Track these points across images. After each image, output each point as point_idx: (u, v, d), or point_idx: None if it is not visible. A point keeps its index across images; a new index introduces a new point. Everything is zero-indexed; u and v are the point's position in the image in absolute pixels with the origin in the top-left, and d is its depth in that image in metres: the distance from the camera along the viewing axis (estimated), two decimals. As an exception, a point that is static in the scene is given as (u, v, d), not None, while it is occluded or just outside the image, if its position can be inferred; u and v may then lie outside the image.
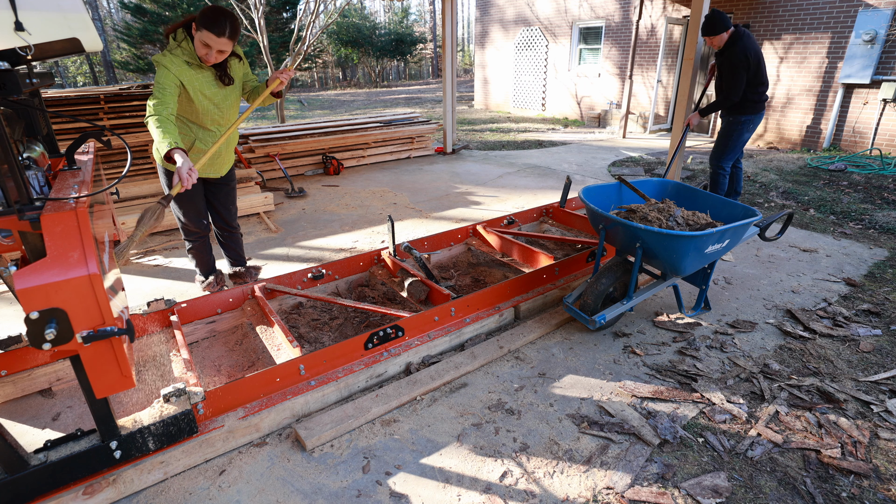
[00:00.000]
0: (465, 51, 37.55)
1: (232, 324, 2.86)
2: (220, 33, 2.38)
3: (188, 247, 3.08)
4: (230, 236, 3.22)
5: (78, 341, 1.44)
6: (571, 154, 8.12)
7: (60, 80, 20.41)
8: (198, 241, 3.06)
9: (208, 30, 2.37)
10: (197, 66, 2.54)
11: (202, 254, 3.13)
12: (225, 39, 2.41)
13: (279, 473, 1.92)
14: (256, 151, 6.12)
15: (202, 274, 3.21)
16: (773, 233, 3.12)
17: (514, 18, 13.26)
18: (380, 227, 4.63)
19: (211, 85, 2.60)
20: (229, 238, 3.22)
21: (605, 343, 2.75)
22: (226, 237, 3.22)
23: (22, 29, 1.35)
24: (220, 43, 2.41)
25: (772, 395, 2.32)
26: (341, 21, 25.52)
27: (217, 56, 2.48)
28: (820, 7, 7.60)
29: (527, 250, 3.37)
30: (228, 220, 3.14)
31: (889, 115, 7.19)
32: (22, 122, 1.94)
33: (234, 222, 3.19)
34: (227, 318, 2.84)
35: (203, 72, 2.57)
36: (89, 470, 1.76)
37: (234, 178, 3.08)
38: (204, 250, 3.13)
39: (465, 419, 2.19)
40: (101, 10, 21.99)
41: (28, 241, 1.48)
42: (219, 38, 2.40)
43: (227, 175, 3.01)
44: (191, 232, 3.00)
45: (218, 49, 2.44)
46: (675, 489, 1.83)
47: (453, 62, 7.43)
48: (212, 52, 2.45)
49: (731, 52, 3.94)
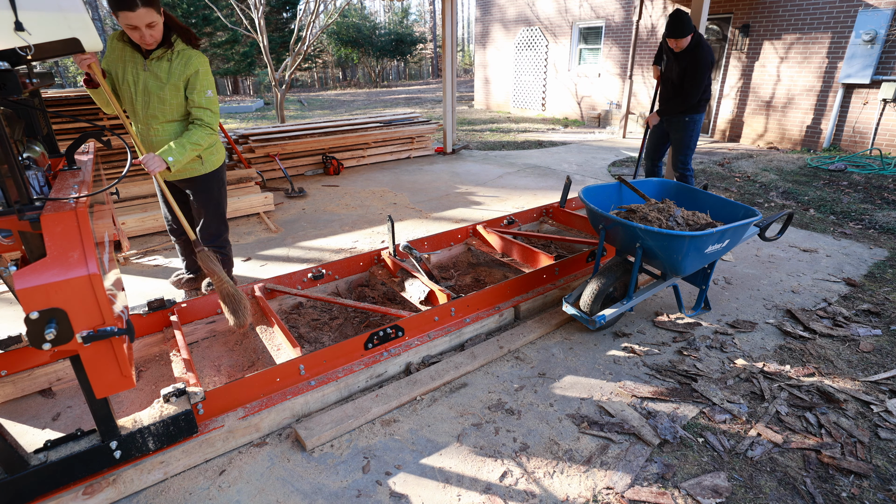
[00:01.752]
0: (465, 51, 37.55)
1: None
2: (132, 6, 2.14)
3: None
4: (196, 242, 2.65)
5: (78, 341, 1.44)
6: (571, 154, 8.12)
7: (60, 80, 20.41)
8: (174, 237, 3.10)
9: (121, 9, 2.15)
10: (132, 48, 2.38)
11: (181, 252, 3.19)
12: (142, 10, 2.17)
13: (279, 473, 1.92)
14: (256, 151, 6.12)
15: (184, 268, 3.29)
16: (773, 233, 3.11)
17: (514, 18, 13.26)
18: (380, 227, 4.63)
19: (139, 70, 2.40)
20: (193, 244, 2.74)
21: (605, 343, 2.75)
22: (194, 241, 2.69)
23: (22, 29, 1.35)
24: (139, 16, 2.18)
25: (772, 395, 2.32)
26: (341, 21, 25.52)
27: (150, 32, 2.26)
28: (820, 7, 7.60)
29: (527, 250, 3.37)
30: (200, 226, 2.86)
31: (889, 115, 7.19)
32: (22, 122, 1.94)
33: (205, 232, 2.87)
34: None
35: (136, 55, 2.39)
36: (89, 470, 1.76)
37: (196, 187, 2.74)
38: (181, 250, 3.18)
39: (465, 419, 2.19)
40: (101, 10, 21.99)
41: (28, 241, 1.48)
42: (135, 12, 2.16)
43: (187, 182, 2.73)
44: (168, 228, 3.06)
45: (144, 24, 2.22)
46: (675, 489, 1.83)
47: (453, 62, 7.43)
48: (143, 31, 2.24)
49: (697, 54, 4.01)
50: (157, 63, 2.40)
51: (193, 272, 3.26)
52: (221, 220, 2.93)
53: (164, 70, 2.41)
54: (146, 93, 2.44)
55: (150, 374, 2.49)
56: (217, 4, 15.78)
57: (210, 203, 2.82)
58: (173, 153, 2.39)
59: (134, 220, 4.28)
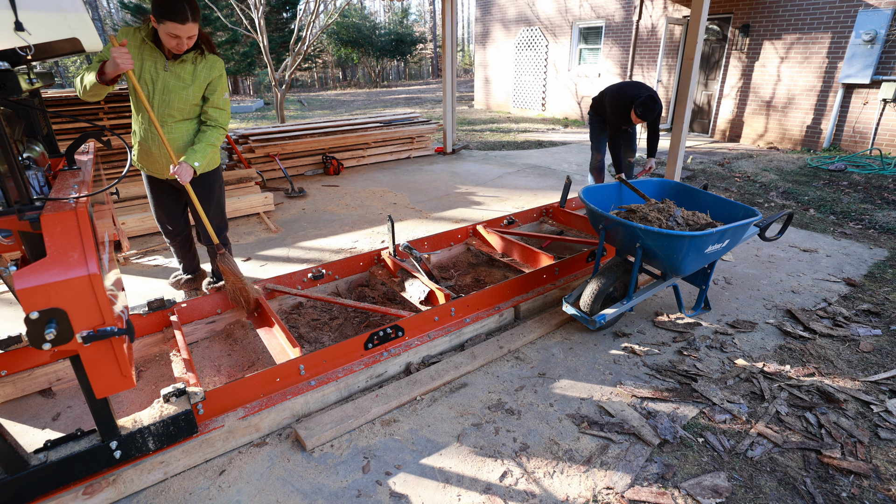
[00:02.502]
0: (465, 51, 37.55)
1: (232, 324, 2.86)
2: (183, 20, 2.26)
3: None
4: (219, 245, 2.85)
5: (78, 341, 1.44)
6: (571, 154, 8.12)
7: (60, 80, 20.41)
8: (169, 239, 3.06)
9: (170, 20, 2.25)
10: (152, 47, 2.41)
11: (176, 254, 3.17)
12: (191, 24, 2.29)
13: (279, 473, 1.92)
14: (256, 151, 6.12)
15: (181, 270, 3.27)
16: (773, 233, 3.11)
17: (514, 18, 13.26)
18: (380, 227, 4.63)
19: (159, 69, 2.44)
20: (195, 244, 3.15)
21: (605, 343, 2.75)
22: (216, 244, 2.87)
23: (22, 29, 1.35)
24: (186, 29, 2.29)
25: (772, 395, 2.32)
26: (341, 21, 25.52)
27: (188, 43, 2.37)
28: (820, 7, 7.60)
29: (527, 250, 3.37)
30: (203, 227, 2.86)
31: (889, 115, 7.19)
32: (22, 122, 1.94)
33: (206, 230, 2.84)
34: (227, 317, 2.84)
35: (155, 54, 2.42)
36: (89, 470, 1.76)
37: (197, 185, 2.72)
38: (177, 252, 3.15)
39: (465, 419, 2.19)
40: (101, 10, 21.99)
41: (28, 241, 1.48)
42: (184, 25, 2.27)
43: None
44: (163, 231, 3.01)
45: (187, 36, 2.32)
46: (675, 489, 1.83)
47: (453, 62, 7.43)
48: (182, 41, 2.33)
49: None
50: (180, 65, 2.46)
51: (191, 273, 3.26)
52: (221, 218, 2.96)
53: (188, 72, 2.48)
54: (165, 91, 2.48)
55: (150, 374, 2.49)
56: (217, 4, 15.78)
57: (211, 201, 2.85)
58: (198, 157, 2.52)
59: (134, 220, 4.28)
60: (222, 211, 2.97)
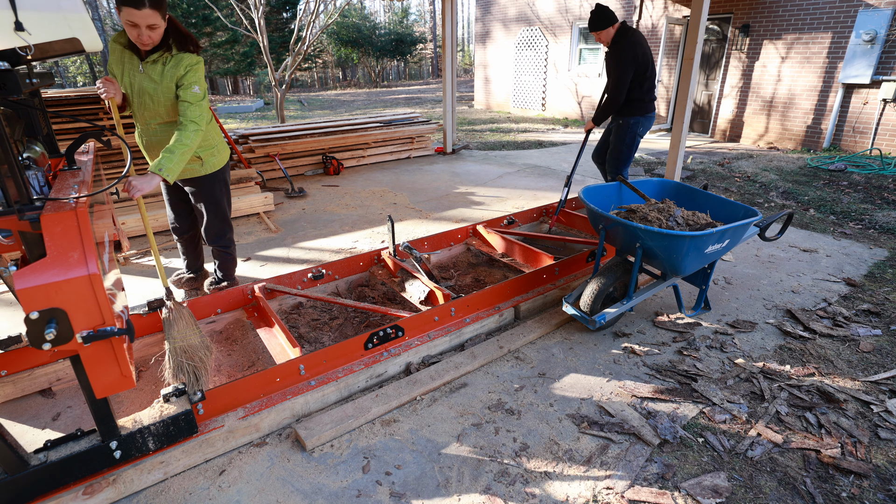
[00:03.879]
0: (465, 51, 37.55)
1: (232, 324, 2.86)
2: (139, 5, 2.13)
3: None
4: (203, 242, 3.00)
5: (78, 341, 1.44)
6: (571, 154, 8.12)
7: (60, 80, 20.41)
8: (176, 236, 3.10)
9: (126, 5, 2.12)
10: (132, 50, 2.40)
11: (182, 251, 3.19)
12: (147, 10, 2.16)
13: (279, 473, 1.92)
14: (256, 151, 6.12)
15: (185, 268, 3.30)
16: (773, 233, 3.11)
17: (514, 18, 13.26)
18: (380, 227, 4.63)
19: (135, 72, 2.42)
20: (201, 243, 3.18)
21: (605, 343, 2.75)
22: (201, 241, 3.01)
23: (22, 29, 1.35)
24: (143, 16, 2.16)
25: (772, 395, 2.32)
26: (341, 21, 25.52)
27: (149, 34, 2.24)
28: (820, 7, 7.60)
29: (527, 250, 3.37)
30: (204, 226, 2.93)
31: (889, 114, 7.19)
32: (22, 122, 1.94)
33: (208, 232, 2.93)
34: (226, 318, 2.84)
35: (133, 56, 2.41)
36: (89, 470, 1.76)
37: (197, 187, 2.78)
38: (183, 249, 3.18)
39: (465, 419, 2.19)
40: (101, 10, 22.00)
41: (28, 241, 1.48)
42: (140, 11, 2.14)
43: (188, 182, 2.77)
44: (171, 227, 3.06)
45: (146, 24, 2.20)
46: (675, 489, 1.83)
47: (453, 62, 7.43)
48: (142, 31, 2.21)
49: (618, 47, 3.72)
50: (151, 66, 2.42)
51: (194, 272, 3.26)
52: (224, 220, 2.95)
53: (157, 73, 2.43)
54: (141, 94, 2.46)
55: (150, 374, 2.49)
56: (217, 4, 15.78)
57: (211, 204, 2.84)
58: (163, 164, 2.30)
59: (134, 220, 4.28)
60: (225, 214, 2.93)
